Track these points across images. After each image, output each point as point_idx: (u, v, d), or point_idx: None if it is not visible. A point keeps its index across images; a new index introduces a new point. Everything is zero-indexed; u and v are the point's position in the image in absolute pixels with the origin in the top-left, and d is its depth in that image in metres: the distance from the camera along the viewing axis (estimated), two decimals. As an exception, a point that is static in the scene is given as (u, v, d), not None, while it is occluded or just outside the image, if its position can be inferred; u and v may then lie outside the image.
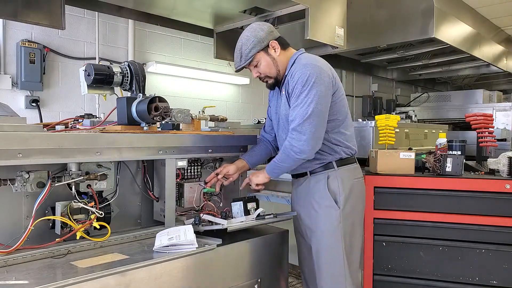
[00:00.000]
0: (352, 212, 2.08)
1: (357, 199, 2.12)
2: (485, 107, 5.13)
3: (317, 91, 1.92)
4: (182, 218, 2.12)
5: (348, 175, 2.09)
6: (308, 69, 1.95)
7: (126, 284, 1.54)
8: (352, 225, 2.08)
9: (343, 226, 2.03)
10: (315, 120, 1.92)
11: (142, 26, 4.15)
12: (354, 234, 2.09)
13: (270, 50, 2.08)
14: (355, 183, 2.11)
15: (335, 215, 2.03)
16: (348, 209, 2.05)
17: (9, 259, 1.56)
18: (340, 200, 2.03)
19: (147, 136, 1.91)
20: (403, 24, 4.01)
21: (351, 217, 2.07)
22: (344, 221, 2.03)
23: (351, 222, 2.07)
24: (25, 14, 2.75)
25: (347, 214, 2.05)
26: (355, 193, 2.10)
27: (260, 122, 4.03)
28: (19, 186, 1.66)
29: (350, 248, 2.06)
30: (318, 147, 1.98)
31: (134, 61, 2.12)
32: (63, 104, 3.66)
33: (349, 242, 2.05)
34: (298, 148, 1.93)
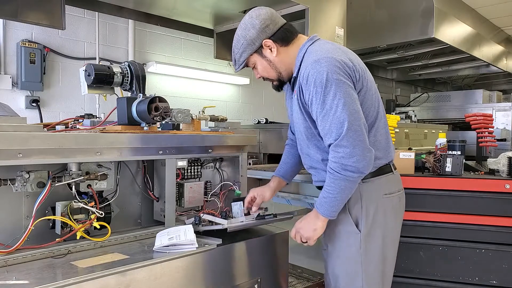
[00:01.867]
0: (379, 234, 1.72)
1: (388, 218, 1.73)
2: (485, 107, 5.13)
3: (344, 89, 1.55)
4: (182, 218, 2.12)
5: (376, 190, 1.71)
6: (322, 66, 1.56)
7: (126, 284, 1.54)
8: (379, 249, 1.72)
9: (364, 252, 1.70)
10: (357, 125, 1.55)
11: (142, 26, 4.16)
12: (382, 259, 1.74)
13: (264, 51, 1.76)
14: (385, 200, 1.72)
15: (355, 239, 1.69)
16: (373, 231, 1.70)
17: (9, 259, 1.56)
18: (361, 223, 1.69)
19: (147, 136, 1.91)
20: (403, 24, 4.01)
21: (376, 240, 1.72)
22: (366, 246, 1.70)
23: (377, 246, 1.72)
24: (25, 14, 2.75)
25: (372, 237, 1.71)
26: (384, 212, 1.71)
27: (260, 122, 4.04)
28: (19, 186, 1.66)
29: (375, 276, 1.73)
30: (373, 154, 1.60)
31: (134, 61, 2.12)
32: (63, 104, 3.66)
33: (373, 269, 1.72)
34: (354, 166, 1.54)
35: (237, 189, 2.34)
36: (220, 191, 2.39)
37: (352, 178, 1.57)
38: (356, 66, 1.64)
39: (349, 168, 1.54)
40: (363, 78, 1.66)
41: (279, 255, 2.19)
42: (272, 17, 1.75)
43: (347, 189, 1.60)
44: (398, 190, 1.80)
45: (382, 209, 1.71)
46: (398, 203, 1.79)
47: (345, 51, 1.70)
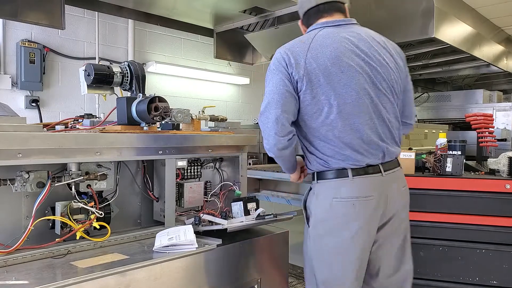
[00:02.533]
0: (328, 238, 1.74)
1: (337, 224, 1.71)
2: (485, 107, 5.13)
3: (274, 80, 1.69)
4: (182, 218, 2.11)
5: (326, 192, 1.74)
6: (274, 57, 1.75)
7: (126, 284, 1.54)
8: (327, 253, 1.76)
9: (312, 246, 1.80)
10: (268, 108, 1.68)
11: (142, 26, 4.16)
12: (329, 266, 1.76)
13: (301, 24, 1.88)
14: (334, 203, 1.71)
15: (306, 230, 1.83)
16: (321, 231, 1.76)
17: (9, 259, 1.56)
18: (311, 219, 1.79)
19: (147, 136, 1.91)
20: (403, 24, 4.00)
21: (325, 242, 1.75)
22: (313, 242, 1.79)
23: (326, 249, 1.76)
24: (25, 14, 2.75)
25: (319, 236, 1.77)
26: (332, 216, 1.72)
27: (260, 122, 4.03)
28: (19, 186, 1.66)
29: (322, 278, 1.79)
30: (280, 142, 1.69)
31: (134, 61, 2.12)
32: (63, 104, 3.66)
33: (321, 270, 1.79)
34: (265, 143, 1.73)
35: (237, 189, 2.33)
36: (220, 191, 2.39)
37: (271, 155, 1.77)
38: (299, 61, 1.67)
39: (265, 146, 1.75)
40: (310, 72, 1.66)
41: (279, 255, 2.19)
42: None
43: (280, 164, 1.87)
44: (351, 198, 1.69)
45: (330, 212, 1.72)
46: (351, 209, 1.69)
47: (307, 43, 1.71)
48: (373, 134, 1.70)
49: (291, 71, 1.67)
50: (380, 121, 1.72)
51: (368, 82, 1.69)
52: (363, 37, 1.76)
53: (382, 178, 1.72)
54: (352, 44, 1.71)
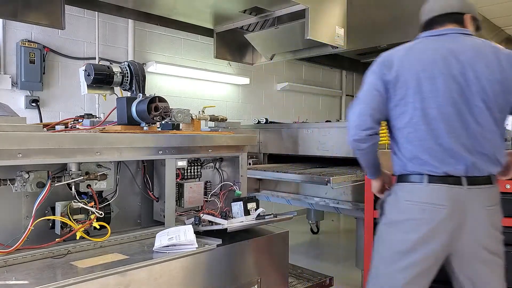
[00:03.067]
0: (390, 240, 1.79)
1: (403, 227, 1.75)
2: (485, 107, 5.12)
3: (368, 80, 1.81)
4: (182, 218, 2.11)
5: (400, 194, 1.78)
6: None
7: (126, 284, 1.54)
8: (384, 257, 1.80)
9: (376, 245, 1.86)
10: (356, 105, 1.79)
11: (142, 26, 4.16)
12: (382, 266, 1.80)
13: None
14: (405, 206, 1.75)
15: (377, 230, 1.88)
16: (387, 232, 1.81)
17: (9, 259, 1.56)
18: (381, 218, 1.86)
19: (147, 136, 1.91)
20: (403, 24, 4.00)
21: (386, 244, 1.82)
22: (377, 241, 1.86)
23: (384, 250, 1.82)
24: (25, 14, 2.76)
25: (383, 237, 1.84)
26: (401, 219, 1.76)
27: (260, 122, 4.04)
28: (19, 186, 1.66)
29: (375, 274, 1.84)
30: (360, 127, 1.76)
31: (134, 61, 2.12)
32: (63, 104, 3.66)
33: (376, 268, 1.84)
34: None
35: (237, 189, 2.33)
36: (220, 191, 2.39)
37: (351, 147, 1.86)
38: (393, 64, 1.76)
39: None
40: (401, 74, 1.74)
41: (279, 255, 2.19)
42: (424, 10, 1.89)
43: (358, 158, 1.90)
44: (428, 202, 1.70)
45: (400, 213, 1.77)
46: (421, 214, 1.70)
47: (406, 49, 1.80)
48: (455, 144, 1.68)
49: (385, 72, 1.76)
50: (468, 133, 1.68)
51: (458, 93, 1.68)
52: (467, 48, 1.74)
53: (463, 191, 1.68)
54: (452, 54, 1.71)
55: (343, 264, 3.88)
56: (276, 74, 5.72)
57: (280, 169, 3.31)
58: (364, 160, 1.90)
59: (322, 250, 4.49)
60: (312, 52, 4.02)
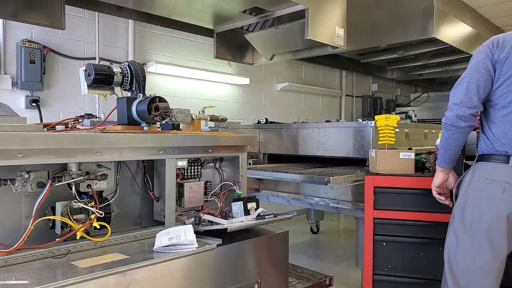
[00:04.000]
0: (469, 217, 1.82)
1: (480, 204, 1.80)
2: (485, 107, 5.12)
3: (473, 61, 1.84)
4: (182, 218, 2.12)
5: (480, 172, 1.84)
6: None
7: (126, 284, 1.54)
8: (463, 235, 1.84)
9: (452, 224, 1.89)
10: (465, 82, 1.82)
11: (142, 26, 4.16)
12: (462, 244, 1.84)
13: None
14: (483, 184, 1.80)
15: (453, 210, 1.92)
16: (465, 209, 1.84)
17: (9, 259, 1.56)
18: (458, 197, 1.89)
19: (147, 136, 1.91)
20: (403, 24, 4.00)
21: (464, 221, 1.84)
22: (455, 219, 1.89)
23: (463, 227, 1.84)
24: (25, 14, 2.76)
25: (460, 215, 1.86)
26: (478, 196, 1.81)
27: (260, 122, 4.04)
28: (19, 186, 1.66)
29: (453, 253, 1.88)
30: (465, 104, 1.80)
31: (134, 61, 2.12)
32: (63, 104, 3.66)
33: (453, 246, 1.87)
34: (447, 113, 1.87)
35: (237, 189, 2.34)
36: (220, 191, 2.39)
37: (444, 126, 1.88)
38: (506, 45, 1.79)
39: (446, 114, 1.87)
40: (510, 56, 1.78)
41: (279, 255, 2.19)
42: None
43: (445, 138, 1.91)
44: (506, 182, 1.76)
45: (477, 190, 1.81)
46: (498, 192, 1.76)
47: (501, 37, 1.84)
48: None
49: (495, 52, 1.80)
50: None
51: None
52: None
53: None
54: None
55: (343, 264, 3.88)
56: (276, 74, 5.72)
57: (280, 169, 3.31)
58: (453, 140, 1.91)
59: (322, 250, 4.49)
60: (312, 52, 4.02)
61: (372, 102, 6.89)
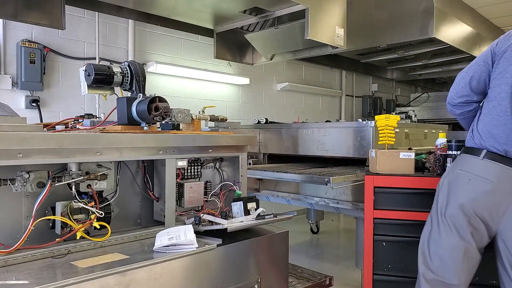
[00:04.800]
0: (437, 202, 1.94)
1: (450, 192, 1.88)
2: (485, 107, 5.11)
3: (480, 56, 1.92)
4: (182, 218, 2.12)
5: (456, 163, 1.92)
6: None
7: (126, 284, 1.54)
8: (433, 220, 1.94)
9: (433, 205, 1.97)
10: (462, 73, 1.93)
11: (142, 26, 4.16)
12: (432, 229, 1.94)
13: None
14: (457, 174, 1.87)
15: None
16: (439, 196, 1.93)
17: (9, 259, 1.56)
18: (438, 185, 1.97)
19: (147, 136, 1.91)
20: (403, 24, 4.01)
21: (437, 205, 1.94)
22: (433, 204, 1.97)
23: (435, 213, 1.94)
24: (25, 14, 2.76)
25: (436, 200, 1.94)
26: (451, 184, 1.89)
27: (260, 122, 4.04)
28: (19, 186, 1.66)
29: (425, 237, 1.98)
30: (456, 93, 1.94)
31: (134, 61, 2.12)
32: (63, 104, 3.66)
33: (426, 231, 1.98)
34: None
35: (237, 189, 2.34)
36: (220, 191, 2.39)
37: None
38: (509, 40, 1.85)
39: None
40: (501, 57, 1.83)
41: (279, 255, 2.19)
42: None
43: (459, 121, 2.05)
44: (473, 173, 1.80)
45: (450, 179, 1.90)
46: (464, 182, 1.83)
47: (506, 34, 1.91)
48: None
49: (495, 45, 1.87)
50: None
51: None
52: None
53: None
54: None
55: (343, 264, 3.88)
56: (276, 74, 5.72)
57: (280, 169, 3.31)
58: (464, 124, 2.02)
59: (322, 250, 4.49)
60: (312, 52, 4.02)
61: (372, 102, 6.89)
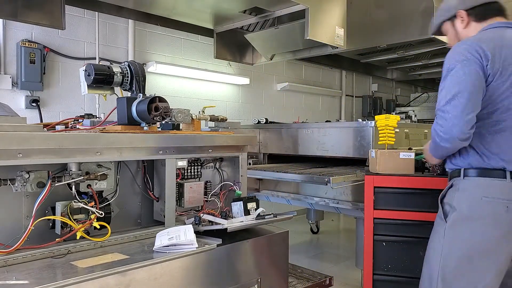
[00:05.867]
0: (470, 236, 1.67)
1: (482, 223, 1.66)
2: (485, 107, 5.12)
3: (466, 68, 1.64)
4: (182, 218, 2.12)
5: (475, 189, 1.68)
6: (452, 53, 1.69)
7: (126, 284, 1.54)
8: (466, 253, 1.68)
9: (445, 243, 1.72)
10: (460, 97, 1.62)
11: (142, 26, 4.16)
12: (461, 266, 1.69)
13: (456, 21, 1.80)
14: (484, 202, 1.66)
15: (440, 227, 1.76)
16: (461, 229, 1.69)
17: (9, 259, 1.56)
18: (450, 215, 1.72)
19: (147, 136, 1.91)
20: (403, 24, 4.01)
21: (465, 241, 1.68)
22: (449, 240, 1.72)
23: (465, 248, 1.68)
24: (25, 14, 2.76)
25: (458, 233, 1.70)
26: (478, 215, 1.66)
27: (260, 122, 4.04)
28: (19, 186, 1.66)
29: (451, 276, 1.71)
30: (465, 133, 1.63)
31: (134, 61, 2.12)
32: (63, 104, 3.66)
33: (451, 269, 1.71)
34: (442, 132, 1.66)
35: (237, 189, 2.33)
36: (220, 191, 2.39)
37: (437, 143, 1.71)
38: (494, 54, 1.65)
39: (438, 132, 1.67)
40: (499, 68, 1.65)
41: (279, 255, 2.19)
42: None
43: (434, 149, 1.77)
44: (500, 198, 1.65)
45: (477, 209, 1.68)
46: (503, 212, 1.64)
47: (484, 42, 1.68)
48: None
49: (486, 64, 1.64)
50: None
51: None
52: None
53: None
54: None
55: (343, 264, 3.88)
56: (276, 74, 5.72)
57: (280, 169, 3.31)
58: (450, 152, 1.76)
59: (322, 250, 4.49)
60: (312, 52, 4.03)
61: (372, 102, 6.89)
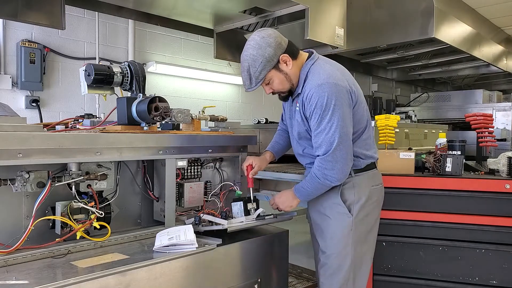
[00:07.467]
0: (366, 219, 1.99)
1: (373, 206, 2.03)
2: (485, 107, 5.13)
3: (340, 114, 1.81)
4: (182, 218, 2.12)
5: (366, 182, 2.00)
6: (325, 91, 1.81)
7: (126, 284, 1.54)
8: (366, 232, 2.00)
9: (354, 233, 1.95)
10: (344, 145, 1.83)
11: (142, 26, 4.16)
12: (366, 241, 2.01)
13: (281, 65, 1.90)
14: (372, 190, 2.01)
15: (347, 222, 1.95)
16: (362, 216, 1.96)
17: (9, 259, 1.56)
18: (354, 208, 1.95)
19: (147, 136, 1.91)
20: (403, 24, 4.01)
21: (364, 224, 1.99)
22: (356, 228, 1.95)
23: (365, 229, 2.00)
24: (25, 14, 2.75)
25: (361, 221, 1.97)
26: (371, 200, 2.00)
27: (260, 122, 4.03)
28: (19, 186, 1.66)
29: (360, 256, 1.99)
30: (349, 168, 1.91)
31: (134, 61, 2.12)
32: (63, 104, 3.66)
33: (359, 249, 1.98)
34: (333, 177, 1.85)
35: (237, 189, 2.34)
36: (220, 191, 2.39)
37: (327, 185, 1.90)
38: (352, 87, 1.91)
39: (329, 178, 1.86)
40: (357, 95, 1.93)
41: (279, 255, 2.19)
42: (280, 35, 1.94)
43: (322, 190, 1.95)
44: (380, 184, 2.10)
45: (371, 197, 2.01)
46: (381, 194, 2.10)
47: (343, 73, 1.95)
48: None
49: (352, 97, 1.90)
50: None
51: None
52: None
53: None
54: None
55: (343, 264, 3.87)
56: (276, 74, 5.72)
57: (280, 169, 3.30)
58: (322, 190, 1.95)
59: (322, 250, 4.49)
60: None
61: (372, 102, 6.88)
